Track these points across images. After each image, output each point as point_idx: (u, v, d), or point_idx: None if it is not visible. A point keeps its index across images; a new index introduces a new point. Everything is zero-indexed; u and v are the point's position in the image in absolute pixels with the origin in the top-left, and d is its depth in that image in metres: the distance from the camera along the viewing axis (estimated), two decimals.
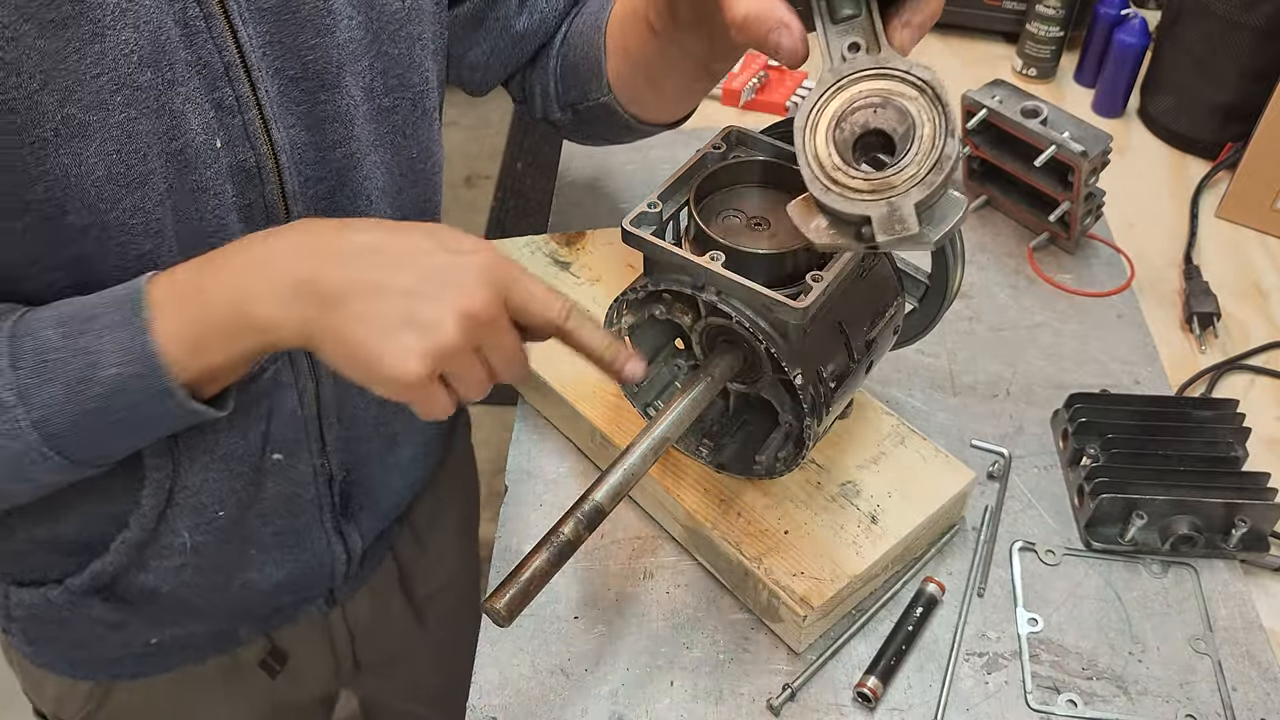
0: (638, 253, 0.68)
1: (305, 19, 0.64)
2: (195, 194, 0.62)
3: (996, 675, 0.73)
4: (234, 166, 0.64)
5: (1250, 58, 1.11)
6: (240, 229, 0.65)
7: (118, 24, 0.55)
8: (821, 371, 0.68)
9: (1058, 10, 1.23)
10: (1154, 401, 0.89)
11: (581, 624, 0.76)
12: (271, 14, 0.62)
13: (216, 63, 0.60)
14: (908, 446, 0.80)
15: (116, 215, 0.59)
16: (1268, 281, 1.05)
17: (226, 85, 0.61)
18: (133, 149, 0.58)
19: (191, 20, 0.59)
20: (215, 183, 0.63)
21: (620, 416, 0.81)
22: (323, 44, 0.65)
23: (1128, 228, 1.10)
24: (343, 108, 0.68)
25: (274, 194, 0.66)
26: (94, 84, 0.55)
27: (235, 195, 0.64)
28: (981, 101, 1.01)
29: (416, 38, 0.72)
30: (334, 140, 0.68)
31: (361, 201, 0.72)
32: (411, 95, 0.73)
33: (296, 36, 0.64)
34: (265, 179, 0.65)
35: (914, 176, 0.51)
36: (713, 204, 0.70)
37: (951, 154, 0.51)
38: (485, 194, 2.79)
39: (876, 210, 0.51)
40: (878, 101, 0.52)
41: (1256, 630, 0.76)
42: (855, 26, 0.54)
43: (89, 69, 0.55)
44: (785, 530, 0.75)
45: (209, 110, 0.61)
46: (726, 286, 0.65)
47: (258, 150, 0.64)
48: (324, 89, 0.66)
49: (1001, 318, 0.99)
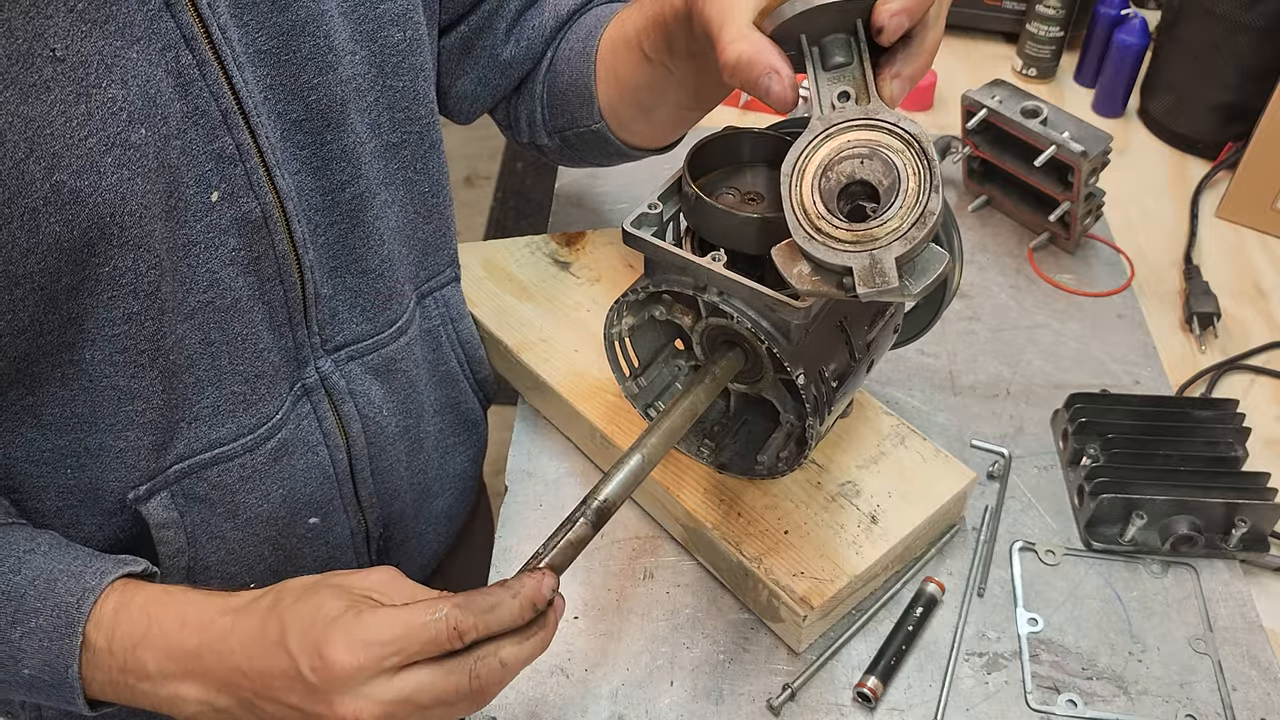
0: (638, 253, 0.68)
1: (306, 58, 0.61)
2: (187, 249, 0.59)
3: (996, 675, 0.73)
4: (238, 219, 0.61)
5: (1250, 57, 1.11)
6: (242, 284, 0.63)
7: (104, 81, 0.52)
8: (823, 371, 0.68)
9: (1058, 10, 1.23)
10: (1154, 401, 0.89)
11: (582, 624, 0.76)
12: (270, 56, 0.60)
13: (214, 111, 0.58)
14: (908, 446, 0.80)
15: (108, 272, 0.56)
16: (1268, 281, 1.05)
17: (225, 134, 0.59)
18: (127, 211, 0.55)
19: (185, 69, 0.56)
20: (208, 236, 0.60)
21: (620, 416, 0.81)
22: (325, 82, 0.63)
23: (1128, 228, 1.10)
24: (349, 146, 0.66)
25: (284, 244, 0.64)
26: (82, 147, 0.52)
27: (241, 248, 0.62)
28: (981, 101, 1.01)
29: (420, 69, 0.70)
30: (341, 181, 0.66)
31: (374, 242, 0.70)
32: (419, 128, 0.72)
33: (297, 77, 0.62)
34: (273, 229, 0.63)
35: (897, 230, 0.51)
36: (709, 185, 0.70)
37: (935, 209, 0.51)
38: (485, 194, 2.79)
39: (858, 262, 0.51)
40: (865, 152, 0.53)
41: (1256, 630, 0.76)
42: (846, 75, 0.54)
43: (76, 131, 0.52)
44: (785, 530, 0.75)
45: (207, 163, 0.58)
46: (728, 287, 0.65)
47: (262, 200, 0.61)
48: (329, 129, 0.64)
49: (1002, 318, 0.99)
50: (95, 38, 0.51)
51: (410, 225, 0.74)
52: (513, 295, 0.92)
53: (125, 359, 0.60)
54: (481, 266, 0.94)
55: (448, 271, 0.81)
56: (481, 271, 0.94)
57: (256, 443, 0.68)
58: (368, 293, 0.72)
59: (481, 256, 0.95)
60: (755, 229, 0.64)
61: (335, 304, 0.70)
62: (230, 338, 0.64)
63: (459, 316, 0.83)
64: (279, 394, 0.69)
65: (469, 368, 0.86)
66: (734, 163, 0.70)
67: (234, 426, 0.67)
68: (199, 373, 0.64)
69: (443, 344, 0.82)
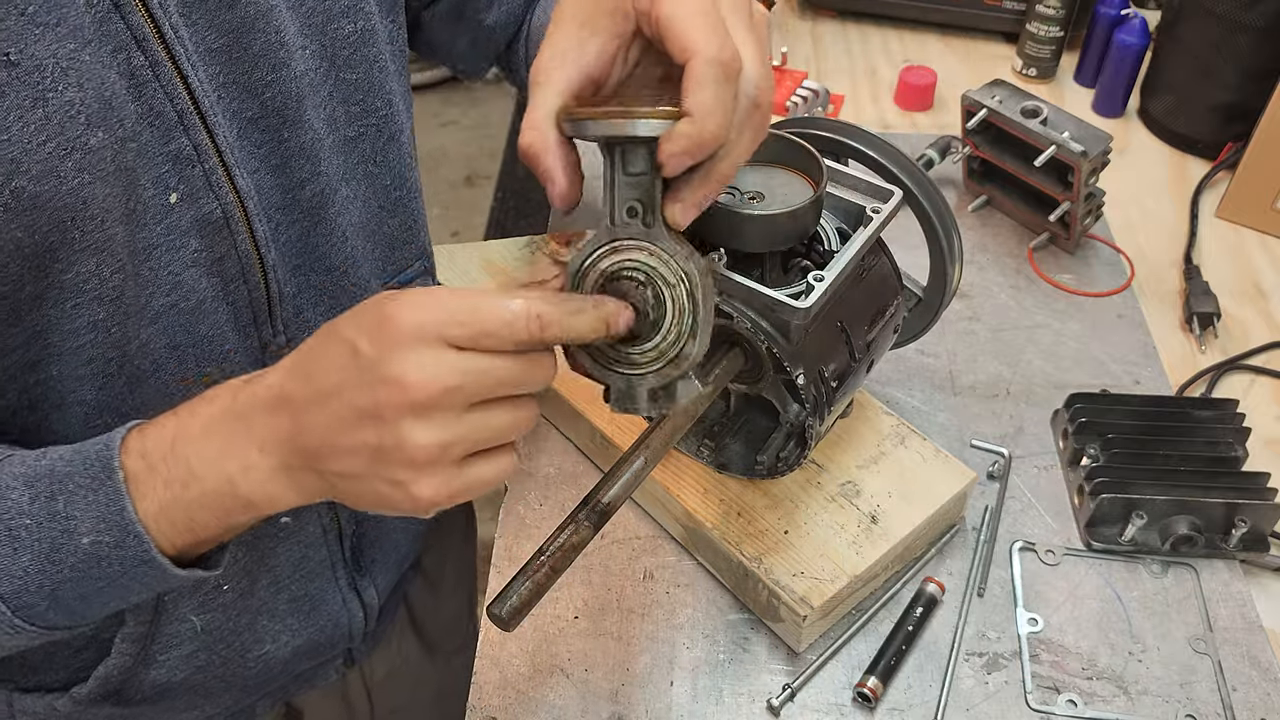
0: None
1: (258, 55, 0.61)
2: (149, 252, 0.59)
3: (996, 675, 0.73)
4: (198, 220, 0.60)
5: (1250, 57, 1.11)
6: (206, 285, 0.62)
7: (59, 85, 0.51)
8: (823, 371, 0.68)
9: (1058, 10, 1.23)
10: (1154, 401, 0.89)
11: (581, 624, 0.76)
12: (222, 53, 0.59)
13: (169, 112, 0.57)
14: (908, 446, 0.80)
15: (71, 278, 0.55)
16: (1268, 281, 1.05)
17: (182, 135, 0.58)
18: (88, 215, 0.54)
19: (138, 70, 0.55)
20: (169, 238, 0.59)
21: (620, 417, 0.81)
22: (279, 79, 0.62)
23: (1128, 228, 1.10)
24: (307, 143, 0.65)
25: (246, 244, 0.63)
26: (40, 152, 0.51)
27: (203, 249, 0.61)
28: (981, 101, 1.01)
29: (373, 60, 0.69)
30: (301, 179, 0.66)
31: (337, 239, 0.69)
32: (376, 121, 0.71)
33: (250, 74, 0.61)
34: (235, 229, 0.62)
35: (654, 363, 0.53)
36: None
37: (690, 354, 0.53)
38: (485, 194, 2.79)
39: (615, 382, 0.54)
40: (640, 278, 0.53)
41: (1256, 630, 0.76)
42: (640, 185, 0.53)
43: (34, 136, 0.51)
44: (785, 530, 0.75)
45: (164, 164, 0.58)
46: (728, 287, 0.65)
47: (223, 200, 0.61)
48: (286, 125, 0.63)
49: (1002, 318, 0.99)
50: (48, 41, 0.51)
51: (375, 220, 0.74)
52: None
53: (92, 370, 0.59)
54: (481, 266, 0.94)
55: (417, 264, 0.80)
56: (481, 271, 0.94)
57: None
58: (332, 290, 0.71)
59: (481, 256, 0.95)
60: (755, 228, 0.64)
61: (299, 302, 0.69)
62: (196, 340, 0.63)
63: None
64: None
65: None
66: None
67: None
68: (165, 377, 0.63)
69: None
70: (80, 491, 0.53)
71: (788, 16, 1.41)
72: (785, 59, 1.29)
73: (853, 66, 1.33)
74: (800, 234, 0.66)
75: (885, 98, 1.28)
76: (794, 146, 0.68)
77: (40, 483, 0.54)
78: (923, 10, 1.37)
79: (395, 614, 0.93)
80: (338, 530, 0.78)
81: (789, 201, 0.66)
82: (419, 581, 0.96)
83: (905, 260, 0.78)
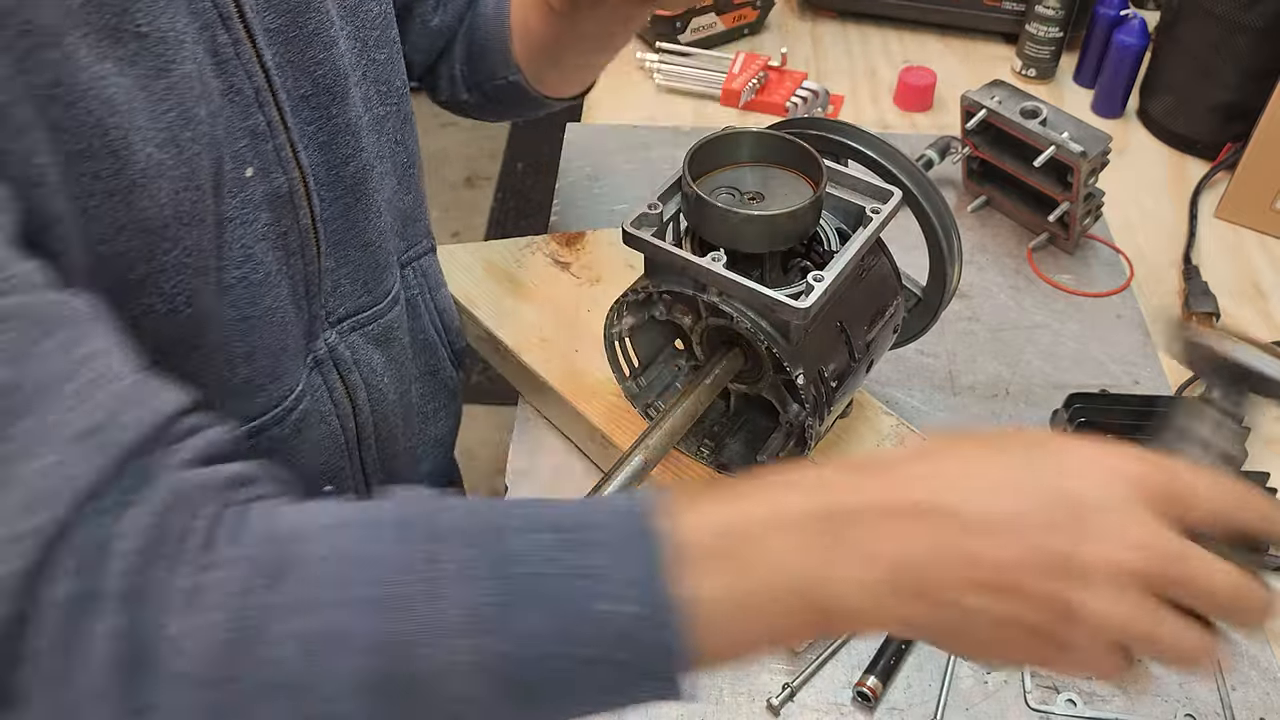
0: (638, 253, 0.69)
1: (312, 33, 0.63)
2: (226, 225, 0.60)
3: (996, 675, 0.73)
4: (269, 194, 0.62)
5: (1249, 58, 1.11)
6: (272, 259, 0.63)
7: (177, 56, 0.53)
8: (823, 371, 0.68)
9: (1057, 11, 1.23)
10: (1153, 401, 0.89)
11: None
12: (280, 34, 0.61)
13: (247, 89, 0.59)
14: (907, 446, 0.80)
15: (175, 256, 0.56)
16: (1267, 282, 1.05)
17: (258, 111, 0.60)
18: (195, 185, 0.55)
19: (221, 49, 0.57)
20: (243, 212, 0.61)
21: (620, 416, 0.81)
22: (329, 57, 0.64)
23: (1127, 228, 1.10)
24: (351, 120, 0.67)
25: (306, 218, 0.65)
26: (164, 119, 0.53)
27: (271, 223, 0.63)
28: (981, 102, 1.01)
29: (394, 41, 0.72)
30: (345, 156, 0.68)
31: (373, 215, 0.71)
32: (397, 100, 0.73)
33: (304, 52, 0.63)
34: (298, 204, 0.64)
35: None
36: (709, 185, 0.70)
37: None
38: (485, 194, 2.79)
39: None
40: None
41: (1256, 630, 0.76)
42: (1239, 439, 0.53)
43: (158, 104, 0.52)
44: None
45: (242, 139, 0.60)
46: (728, 287, 0.65)
47: (289, 174, 0.63)
48: (335, 103, 0.66)
49: (1001, 318, 1.00)
50: (170, 13, 0.52)
51: (395, 197, 0.76)
52: (513, 295, 0.92)
53: (172, 348, 0.59)
54: (481, 266, 0.94)
55: (424, 242, 0.83)
56: (481, 271, 0.94)
57: (282, 415, 0.69)
58: (367, 265, 0.73)
59: (482, 257, 0.95)
60: (755, 228, 0.64)
61: (338, 276, 0.71)
62: (262, 312, 0.65)
63: (436, 286, 0.85)
64: (298, 367, 0.70)
65: (446, 336, 0.87)
66: (734, 162, 0.70)
67: (264, 400, 0.68)
68: (233, 349, 0.64)
69: (421, 313, 0.84)
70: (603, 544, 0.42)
71: (788, 17, 1.42)
72: (785, 59, 1.29)
73: (852, 67, 1.33)
74: (800, 234, 0.66)
75: (885, 98, 1.28)
76: (794, 147, 0.68)
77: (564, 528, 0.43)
78: (922, 11, 1.37)
79: None
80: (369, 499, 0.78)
81: (789, 202, 0.66)
82: None
83: (905, 260, 0.78)
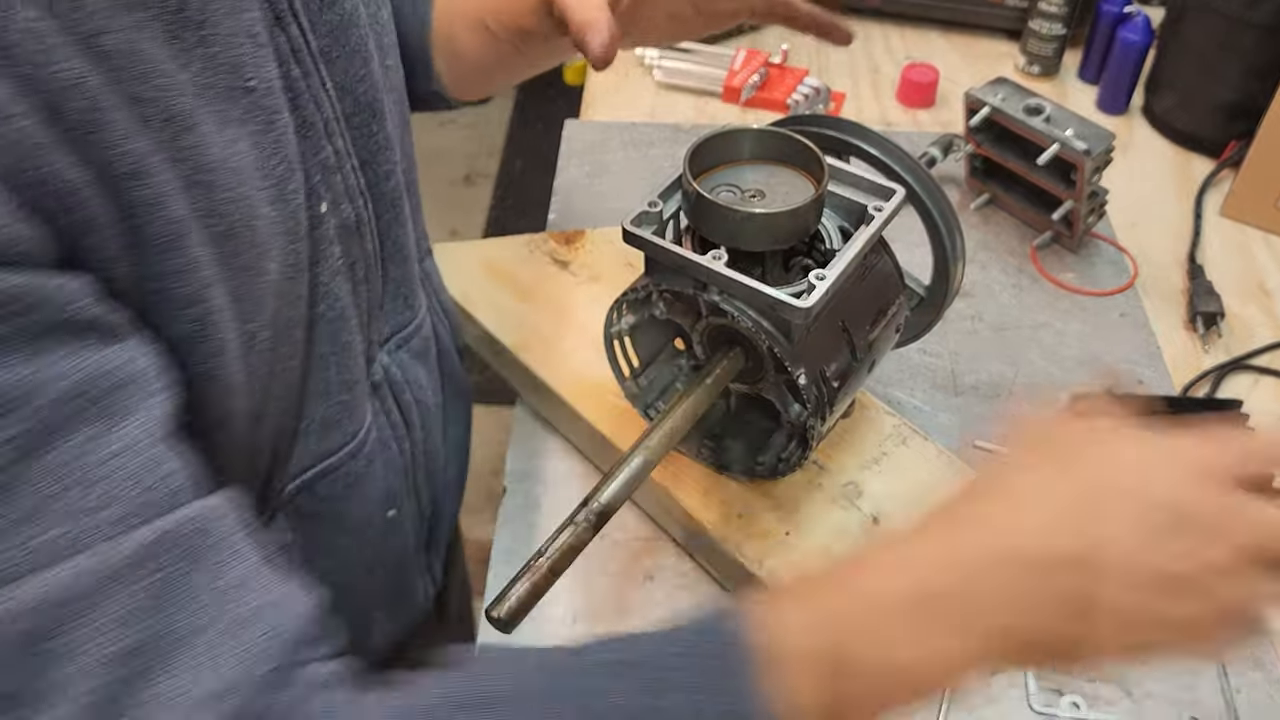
0: (637, 252, 0.68)
1: (353, 52, 0.60)
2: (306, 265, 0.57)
3: (999, 677, 0.73)
4: (340, 226, 0.60)
5: (1254, 55, 1.10)
6: (345, 291, 0.61)
7: (280, 106, 0.50)
8: (824, 371, 0.67)
9: (1061, 8, 1.22)
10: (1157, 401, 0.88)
11: (580, 627, 0.75)
12: (324, 54, 0.58)
13: (318, 121, 0.56)
14: (910, 447, 0.79)
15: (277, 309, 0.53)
16: (1272, 281, 1.04)
17: (327, 143, 0.57)
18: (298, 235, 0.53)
19: (294, 82, 0.54)
20: (320, 248, 0.58)
21: (620, 417, 0.81)
22: (368, 73, 0.62)
23: (1131, 226, 1.09)
24: (389, 135, 0.65)
25: (372, 246, 0.63)
26: (275, 174, 0.50)
27: (342, 256, 0.60)
28: (984, 99, 1.01)
29: (395, 47, 0.70)
30: (386, 172, 0.65)
31: (407, 230, 0.70)
32: (403, 109, 0.71)
33: (347, 72, 0.60)
34: (364, 232, 0.62)
35: None
36: (709, 183, 0.69)
37: None
38: (484, 193, 2.78)
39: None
40: None
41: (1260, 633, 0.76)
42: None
43: (269, 160, 0.50)
44: (786, 531, 0.74)
45: (316, 174, 0.57)
46: (728, 286, 0.64)
47: (354, 204, 0.61)
48: (375, 119, 0.63)
49: (1004, 317, 0.99)
50: (271, 63, 0.50)
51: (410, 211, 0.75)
52: (512, 295, 0.91)
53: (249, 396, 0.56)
54: (481, 266, 0.94)
55: (423, 244, 0.81)
56: (481, 271, 0.93)
57: (357, 449, 0.67)
58: (405, 281, 0.71)
59: (481, 256, 0.95)
60: (756, 227, 0.64)
61: (384, 296, 0.69)
62: (338, 348, 0.62)
63: (440, 288, 0.84)
64: (365, 396, 0.68)
65: (452, 337, 0.86)
66: (735, 160, 0.70)
67: (339, 436, 0.65)
68: (311, 386, 0.62)
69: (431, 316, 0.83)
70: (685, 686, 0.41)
71: None
72: (786, 56, 1.28)
73: (854, 64, 1.33)
74: (802, 232, 0.66)
75: (887, 95, 1.28)
76: (795, 144, 0.67)
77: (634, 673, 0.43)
78: (925, 7, 1.36)
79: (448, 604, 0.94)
80: (419, 514, 0.78)
81: (790, 200, 0.65)
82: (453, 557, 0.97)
83: (907, 259, 0.77)
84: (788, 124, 0.75)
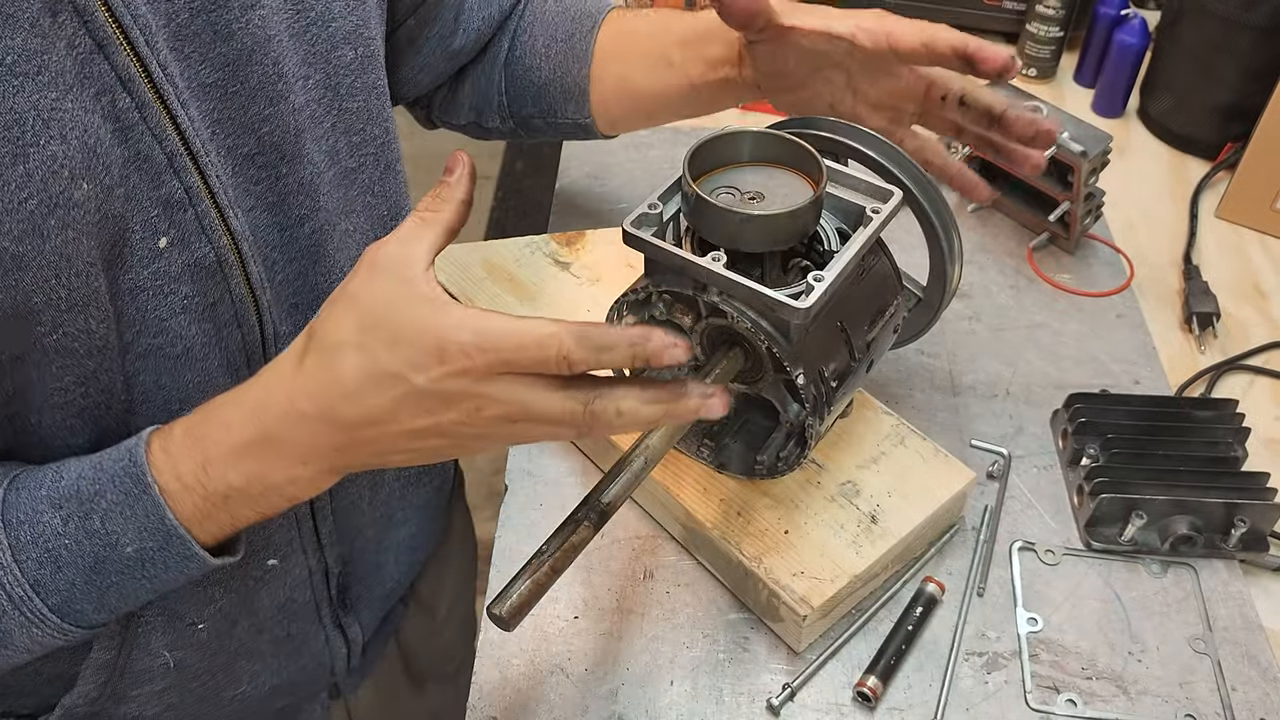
0: (637, 253, 0.68)
1: (255, 89, 0.58)
2: (134, 295, 0.56)
3: (996, 675, 0.73)
4: (190, 265, 0.57)
5: (1250, 57, 1.11)
6: (195, 332, 0.60)
7: (41, 138, 0.48)
8: (823, 370, 0.68)
9: (1057, 10, 1.23)
10: (1154, 401, 0.89)
11: (581, 624, 0.76)
12: (216, 89, 0.56)
13: (158, 155, 0.54)
14: (907, 446, 0.80)
15: (57, 339, 0.53)
16: (1268, 282, 1.05)
17: (173, 178, 0.55)
18: (74, 271, 0.51)
19: (123, 113, 0.52)
20: (156, 283, 0.56)
21: None
22: (277, 112, 0.59)
23: (1127, 228, 1.10)
24: (306, 179, 0.62)
25: (240, 287, 0.60)
26: (22, 210, 0.48)
27: (194, 295, 0.58)
28: None
29: (373, 86, 0.67)
30: (300, 216, 0.63)
31: (335, 275, 0.66)
32: (374, 150, 0.69)
33: (246, 109, 0.58)
34: (229, 273, 0.59)
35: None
36: (709, 185, 0.69)
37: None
38: (485, 194, 2.79)
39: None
40: None
41: (1256, 630, 0.76)
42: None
43: (15, 195, 0.48)
44: (785, 530, 0.75)
45: (153, 209, 0.55)
46: (728, 287, 0.65)
47: (216, 244, 0.58)
48: (284, 162, 0.61)
49: (1001, 318, 0.99)
50: (29, 91, 0.48)
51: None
52: (513, 295, 0.92)
53: (83, 420, 0.58)
54: (481, 266, 0.94)
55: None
56: (481, 271, 0.94)
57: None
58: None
59: (481, 256, 0.95)
60: (755, 228, 0.64)
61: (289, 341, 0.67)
62: (181, 384, 0.61)
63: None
64: None
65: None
66: (734, 162, 0.70)
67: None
68: (152, 412, 0.61)
69: None
70: (116, 508, 0.54)
71: None
72: None
73: None
74: (800, 234, 0.66)
75: None
76: (794, 146, 0.68)
77: (69, 504, 0.55)
78: (923, 10, 1.37)
79: (385, 647, 0.91)
80: (324, 570, 0.76)
81: (789, 201, 0.66)
82: (411, 611, 0.94)
83: (905, 260, 0.78)
84: (786, 126, 0.75)
